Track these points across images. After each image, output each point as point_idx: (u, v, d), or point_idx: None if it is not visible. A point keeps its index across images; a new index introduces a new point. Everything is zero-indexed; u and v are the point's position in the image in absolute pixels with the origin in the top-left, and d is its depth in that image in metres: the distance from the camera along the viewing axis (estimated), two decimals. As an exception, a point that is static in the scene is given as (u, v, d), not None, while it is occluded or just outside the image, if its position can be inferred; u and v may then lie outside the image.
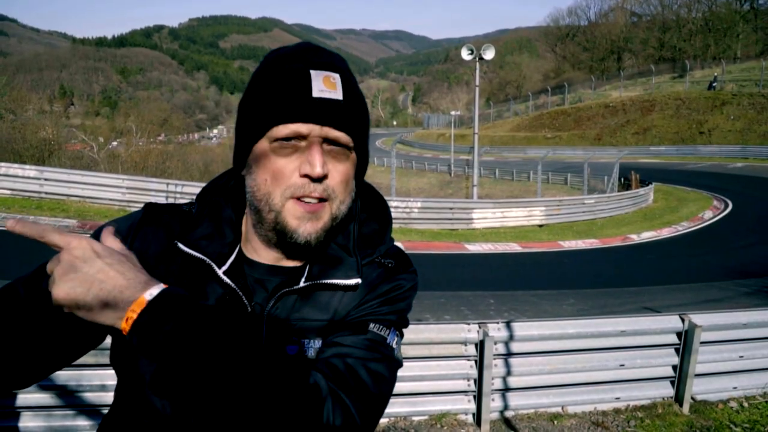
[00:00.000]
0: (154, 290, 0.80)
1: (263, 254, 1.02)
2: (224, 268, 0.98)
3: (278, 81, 0.93)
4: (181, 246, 0.99)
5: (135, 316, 0.77)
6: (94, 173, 17.64)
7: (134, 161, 33.23)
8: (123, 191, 15.24)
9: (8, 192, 14.58)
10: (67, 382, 3.74)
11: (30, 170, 15.43)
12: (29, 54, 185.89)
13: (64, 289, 0.78)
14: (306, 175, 0.92)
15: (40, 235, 0.81)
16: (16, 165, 16.03)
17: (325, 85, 0.92)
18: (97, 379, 3.78)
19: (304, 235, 0.94)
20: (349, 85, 0.96)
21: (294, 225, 0.94)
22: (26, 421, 3.79)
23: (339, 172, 0.95)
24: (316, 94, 0.91)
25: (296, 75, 0.92)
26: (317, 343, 0.99)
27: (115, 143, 42.08)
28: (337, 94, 0.92)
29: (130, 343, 0.78)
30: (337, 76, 0.94)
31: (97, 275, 0.79)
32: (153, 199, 14.71)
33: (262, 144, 0.94)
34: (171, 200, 14.67)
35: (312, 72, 0.92)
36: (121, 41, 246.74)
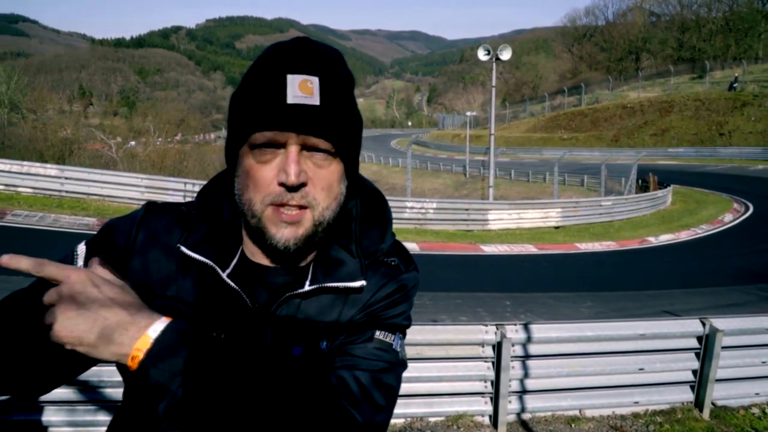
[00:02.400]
0: (159, 326, 0.78)
1: (261, 256, 1.01)
2: (228, 271, 0.98)
3: (256, 86, 0.91)
4: (184, 249, 0.98)
5: (141, 355, 0.76)
6: (113, 172, 17.84)
7: (152, 160, 33.52)
8: (141, 190, 15.39)
9: (30, 190, 14.77)
10: (88, 378, 3.79)
11: (51, 169, 15.64)
12: (50, 55, 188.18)
13: (66, 327, 0.76)
14: (282, 184, 0.90)
15: (36, 269, 0.79)
16: (38, 164, 16.26)
17: (300, 90, 0.88)
18: (118, 376, 3.81)
19: (282, 241, 0.93)
20: (330, 88, 0.91)
21: (273, 231, 0.92)
22: (50, 415, 3.85)
23: (320, 178, 0.93)
24: (290, 100, 0.88)
25: (273, 80, 0.89)
26: (323, 345, 0.99)
27: (133, 143, 42.42)
28: (314, 100, 0.89)
29: (139, 379, 0.76)
30: (315, 79, 0.90)
31: (100, 311, 0.77)
32: (171, 198, 14.75)
33: (244, 150, 0.93)
34: (189, 199, 14.74)
35: (288, 76, 0.89)
36: (139, 42, 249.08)
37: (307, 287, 0.98)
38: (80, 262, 0.99)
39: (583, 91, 57.43)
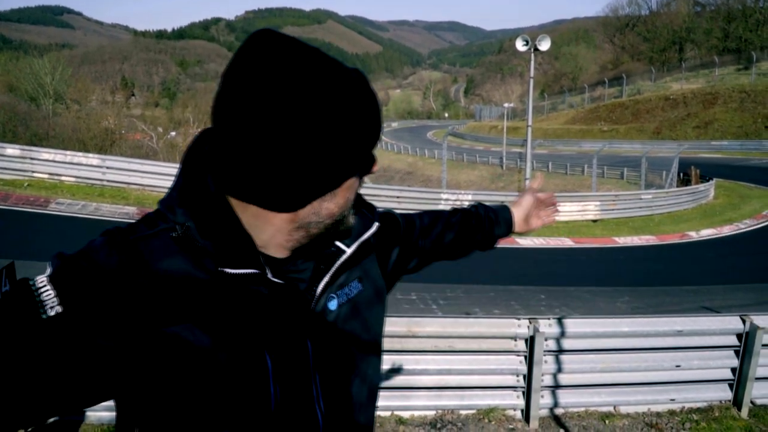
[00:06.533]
0: None
1: (274, 249, 0.94)
2: (268, 271, 0.92)
3: (369, 118, 0.91)
4: (229, 270, 0.88)
5: None
6: (154, 162, 18.21)
7: (191, 151, 34.05)
8: (180, 180, 15.66)
9: (73, 179, 15.17)
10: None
11: (93, 158, 16.04)
12: (93, 46, 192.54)
13: None
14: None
15: None
16: (80, 153, 16.69)
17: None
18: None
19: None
20: None
21: (351, 220, 1.00)
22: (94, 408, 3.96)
23: None
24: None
25: (371, 124, 0.92)
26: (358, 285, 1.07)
27: (173, 133, 43.19)
28: None
29: None
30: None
31: None
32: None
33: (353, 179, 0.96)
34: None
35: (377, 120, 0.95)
36: (180, 34, 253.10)
37: (351, 250, 1.04)
38: (49, 311, 0.78)
39: (624, 82, 56.29)
